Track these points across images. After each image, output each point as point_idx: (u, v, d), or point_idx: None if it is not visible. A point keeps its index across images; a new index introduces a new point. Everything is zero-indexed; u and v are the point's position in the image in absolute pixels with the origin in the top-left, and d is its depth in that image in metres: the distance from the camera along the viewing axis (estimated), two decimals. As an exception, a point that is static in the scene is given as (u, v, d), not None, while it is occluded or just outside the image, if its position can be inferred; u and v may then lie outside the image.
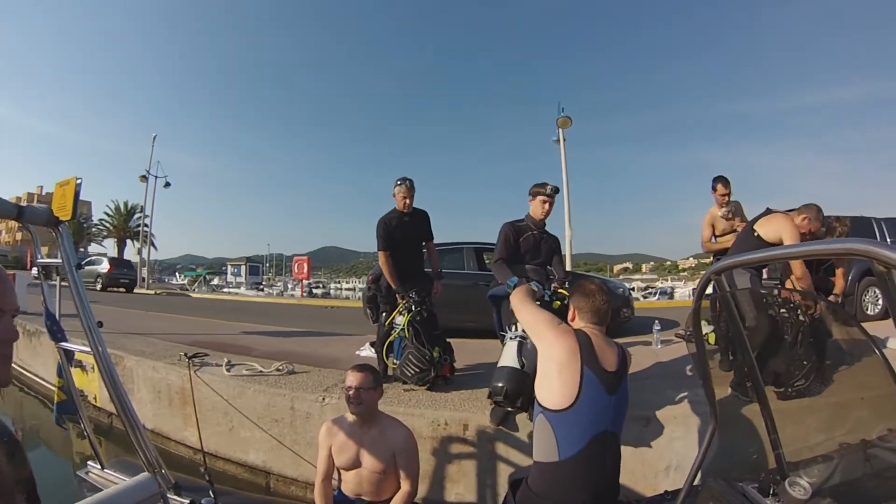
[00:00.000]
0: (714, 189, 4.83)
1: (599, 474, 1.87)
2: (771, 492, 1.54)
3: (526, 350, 2.85)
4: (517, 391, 2.79)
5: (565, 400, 1.83)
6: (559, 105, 14.04)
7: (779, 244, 3.46)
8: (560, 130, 14.16)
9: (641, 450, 3.07)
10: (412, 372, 3.66)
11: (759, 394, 1.80)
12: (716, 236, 4.99)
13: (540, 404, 1.90)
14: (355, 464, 2.44)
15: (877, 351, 1.33)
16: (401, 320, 3.86)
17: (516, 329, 2.99)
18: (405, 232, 4.12)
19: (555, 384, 1.87)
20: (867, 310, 7.12)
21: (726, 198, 4.77)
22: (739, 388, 2.69)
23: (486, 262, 8.10)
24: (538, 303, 2.49)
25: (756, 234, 3.61)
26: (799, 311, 3.63)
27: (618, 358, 2.02)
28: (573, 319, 2.18)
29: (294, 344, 5.86)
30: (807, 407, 3.42)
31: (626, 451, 3.01)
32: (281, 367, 4.32)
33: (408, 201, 4.07)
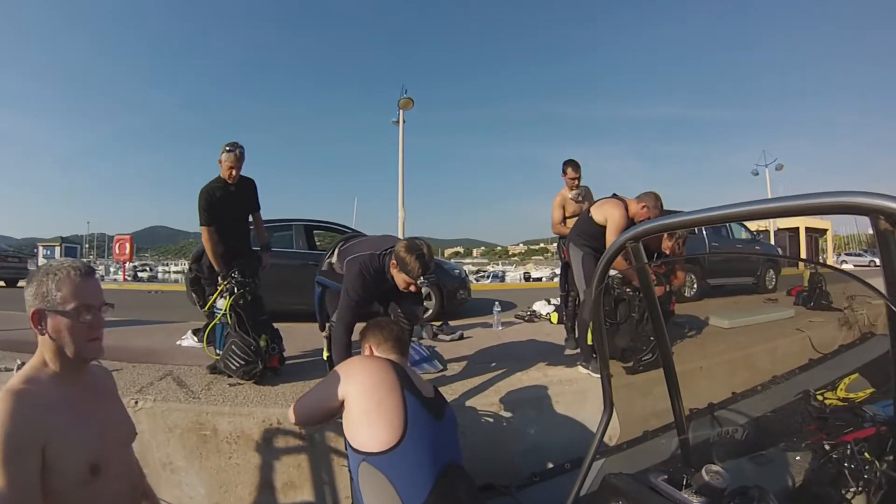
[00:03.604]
0: (564, 172, 4.86)
1: None
2: (685, 483, 1.35)
3: None
4: None
5: (392, 434, 1.54)
6: (403, 87, 13.84)
7: (604, 224, 3.70)
8: (401, 112, 14.05)
9: (496, 434, 2.95)
10: (237, 365, 3.15)
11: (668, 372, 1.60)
12: (566, 218, 5.01)
13: (359, 451, 1.56)
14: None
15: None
16: (222, 304, 3.33)
17: None
18: (231, 204, 3.60)
19: (374, 419, 1.58)
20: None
21: (576, 181, 4.82)
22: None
23: (317, 241, 7.74)
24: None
25: (590, 215, 3.79)
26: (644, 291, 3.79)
27: (431, 386, 1.89)
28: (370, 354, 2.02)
29: (107, 336, 4.80)
30: (652, 380, 3.60)
31: (480, 437, 2.88)
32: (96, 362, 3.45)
33: (234, 171, 3.55)
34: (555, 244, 5.37)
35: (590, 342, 3.65)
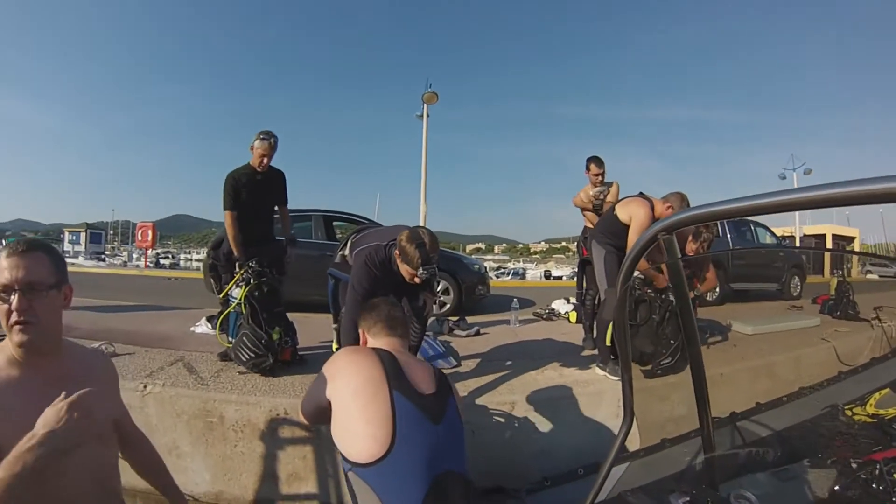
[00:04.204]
0: (587, 169, 4.74)
1: None
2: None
3: None
4: None
5: (377, 446, 1.36)
6: (427, 81, 13.90)
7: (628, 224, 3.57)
8: (425, 106, 14.05)
9: (508, 435, 2.88)
10: (246, 357, 3.12)
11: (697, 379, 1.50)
12: (584, 213, 4.92)
13: (346, 459, 1.43)
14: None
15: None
16: (237, 293, 3.30)
17: None
18: (257, 192, 3.56)
19: (358, 426, 1.41)
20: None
21: (599, 177, 4.69)
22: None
23: (337, 233, 7.68)
24: None
25: (614, 212, 3.68)
26: (668, 291, 3.68)
27: (433, 378, 1.62)
28: (365, 343, 1.84)
29: (123, 321, 4.93)
30: (671, 384, 3.50)
31: (491, 437, 2.81)
32: (100, 349, 3.45)
33: (265, 160, 3.52)
34: (575, 243, 5.26)
35: (608, 343, 3.57)
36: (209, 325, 4.34)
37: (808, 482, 1.66)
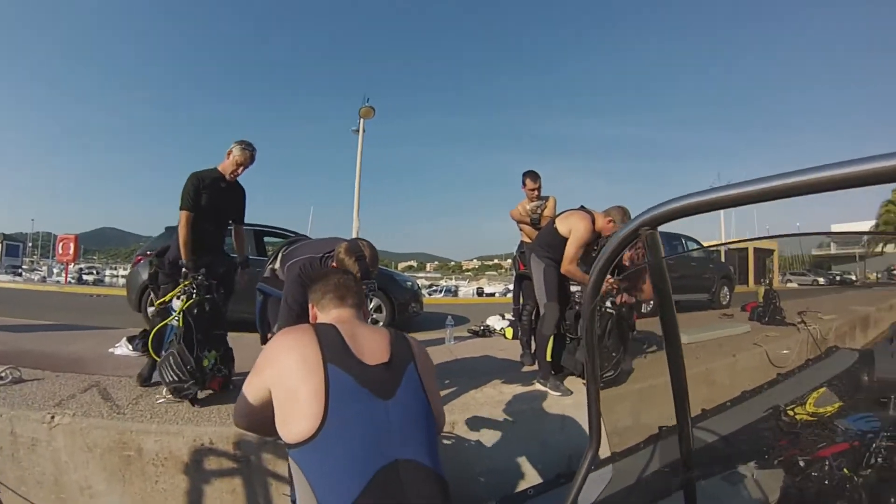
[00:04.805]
0: (523, 184, 4.67)
1: None
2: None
3: None
4: None
5: (307, 422, 1.18)
6: (364, 96, 13.80)
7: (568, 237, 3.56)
8: (361, 121, 14.00)
9: (453, 456, 2.76)
10: (169, 378, 2.82)
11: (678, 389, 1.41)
12: (522, 230, 4.82)
13: (285, 442, 1.25)
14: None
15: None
16: (178, 306, 2.98)
17: None
18: (218, 200, 3.30)
19: (293, 408, 1.23)
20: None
21: (535, 192, 4.62)
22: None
23: (268, 248, 7.32)
24: None
25: (554, 226, 3.66)
26: (608, 303, 3.69)
27: (388, 345, 1.39)
28: (314, 319, 1.61)
29: (34, 341, 4.49)
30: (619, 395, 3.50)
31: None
32: (4, 374, 3.09)
33: (240, 170, 3.31)
34: (508, 260, 5.21)
35: (549, 358, 3.52)
36: (129, 347, 4.01)
37: (758, 483, 1.68)
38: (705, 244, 11.55)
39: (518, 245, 4.89)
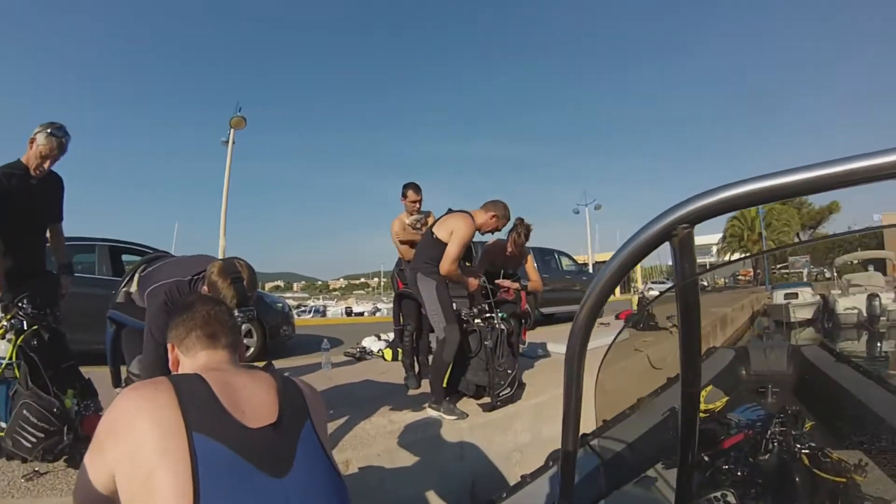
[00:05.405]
0: (404, 196, 4.45)
1: None
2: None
3: None
4: None
5: None
6: (237, 104, 13.05)
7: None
8: (232, 131, 13.12)
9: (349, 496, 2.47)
10: (32, 441, 2.17)
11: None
12: (410, 243, 4.44)
13: None
14: None
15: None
16: (4, 349, 2.33)
17: None
18: (29, 203, 2.63)
19: (143, 498, 0.86)
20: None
21: (417, 204, 4.43)
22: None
23: (126, 267, 6.46)
24: None
25: (434, 235, 3.42)
26: (494, 320, 3.62)
27: (276, 396, 1.05)
28: (176, 365, 1.21)
29: None
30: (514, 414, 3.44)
31: None
32: None
33: (47, 164, 2.62)
34: (375, 279, 5.01)
35: (445, 384, 3.34)
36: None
37: (669, 484, 1.66)
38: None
39: (396, 262, 4.66)
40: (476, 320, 3.54)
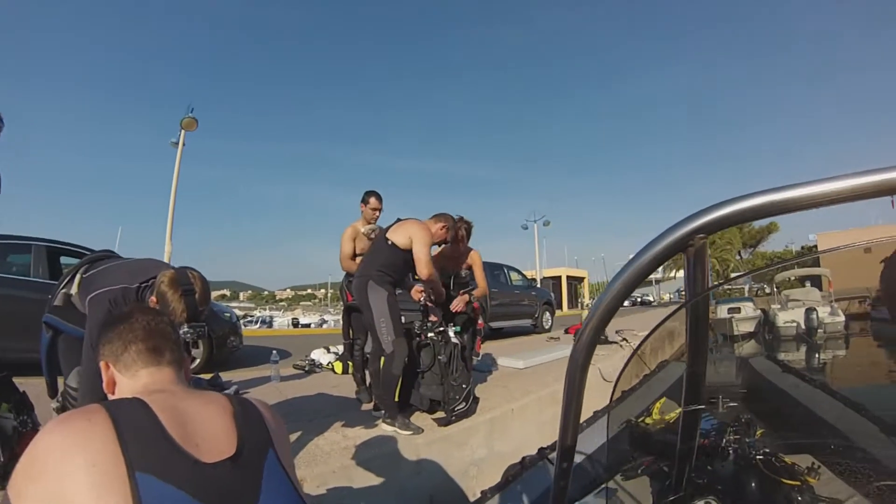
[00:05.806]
0: (365, 202, 4.32)
1: None
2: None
3: None
4: None
5: None
6: (189, 105, 12.68)
7: (410, 248, 3.33)
8: (182, 132, 12.78)
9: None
10: None
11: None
12: (356, 255, 4.37)
13: None
14: None
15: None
16: None
17: None
18: None
19: None
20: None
21: (377, 213, 4.34)
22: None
23: (64, 269, 6.15)
24: None
25: (390, 242, 3.36)
26: (451, 332, 3.61)
27: (232, 422, 0.91)
28: (112, 386, 1.03)
29: None
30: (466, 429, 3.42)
31: None
32: None
33: None
34: (322, 290, 4.88)
35: (397, 399, 3.30)
36: None
37: (631, 494, 1.71)
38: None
39: (345, 274, 4.47)
40: (430, 334, 3.53)
